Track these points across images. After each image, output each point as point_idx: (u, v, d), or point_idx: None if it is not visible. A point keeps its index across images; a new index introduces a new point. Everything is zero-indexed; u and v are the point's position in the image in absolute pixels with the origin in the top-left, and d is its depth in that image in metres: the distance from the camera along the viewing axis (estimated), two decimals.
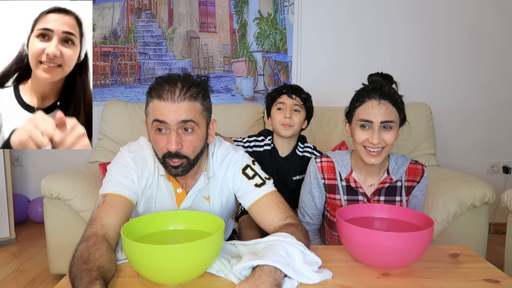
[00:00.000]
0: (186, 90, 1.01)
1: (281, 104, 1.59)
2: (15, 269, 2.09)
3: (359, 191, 1.28)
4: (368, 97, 1.19)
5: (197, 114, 1.03)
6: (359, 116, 1.19)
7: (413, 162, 1.31)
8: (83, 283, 0.77)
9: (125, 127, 2.35)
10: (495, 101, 2.58)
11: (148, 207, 1.17)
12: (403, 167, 1.28)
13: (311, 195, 1.34)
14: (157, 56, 2.60)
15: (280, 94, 1.61)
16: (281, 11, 2.53)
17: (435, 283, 0.90)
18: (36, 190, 2.75)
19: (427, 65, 2.55)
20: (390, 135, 1.18)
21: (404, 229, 1.05)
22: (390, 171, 1.28)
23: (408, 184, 1.29)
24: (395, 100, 1.19)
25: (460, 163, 2.61)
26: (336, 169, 1.30)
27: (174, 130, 1.00)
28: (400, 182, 1.29)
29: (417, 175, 1.29)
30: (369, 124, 1.18)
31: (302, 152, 1.68)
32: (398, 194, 1.29)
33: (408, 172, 1.29)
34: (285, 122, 1.57)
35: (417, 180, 1.30)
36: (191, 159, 1.05)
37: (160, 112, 1.00)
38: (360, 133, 1.19)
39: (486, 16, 2.50)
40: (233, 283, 0.86)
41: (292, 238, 0.94)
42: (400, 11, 2.51)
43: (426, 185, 1.31)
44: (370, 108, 1.17)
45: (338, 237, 1.32)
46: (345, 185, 1.30)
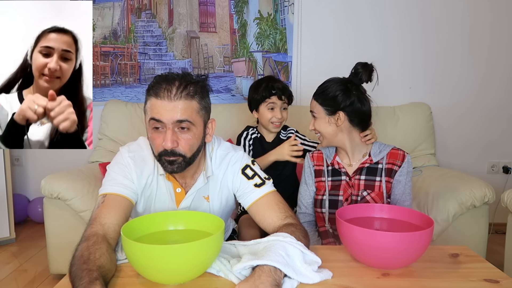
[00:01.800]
0: (183, 88, 1.01)
1: (272, 104, 1.70)
2: (15, 269, 2.09)
3: (342, 171, 1.40)
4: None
5: (194, 113, 1.03)
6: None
7: (395, 148, 1.39)
8: (83, 283, 0.77)
9: (125, 127, 2.35)
10: (495, 101, 2.58)
11: (148, 207, 1.17)
12: (385, 151, 1.38)
13: (306, 185, 1.47)
14: (157, 56, 2.60)
15: (271, 94, 1.69)
16: (281, 11, 2.53)
17: (435, 283, 0.90)
18: (36, 190, 2.75)
19: (427, 65, 2.55)
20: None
21: (404, 229, 1.05)
22: (372, 154, 1.39)
23: (388, 167, 1.37)
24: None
25: (460, 163, 2.61)
26: (324, 157, 1.46)
27: (170, 128, 1.01)
28: (381, 165, 1.38)
29: (398, 158, 1.37)
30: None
31: (286, 135, 1.83)
32: (378, 175, 1.37)
33: (389, 156, 1.38)
34: (276, 121, 1.71)
35: (398, 164, 1.37)
36: (187, 157, 1.05)
37: (157, 110, 1.00)
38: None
39: (486, 14, 2.50)
40: (233, 283, 0.86)
41: (292, 238, 0.94)
42: (400, 11, 2.51)
43: (410, 171, 1.38)
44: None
45: (322, 214, 1.41)
46: (331, 169, 1.43)
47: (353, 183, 1.38)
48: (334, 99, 1.34)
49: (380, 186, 1.36)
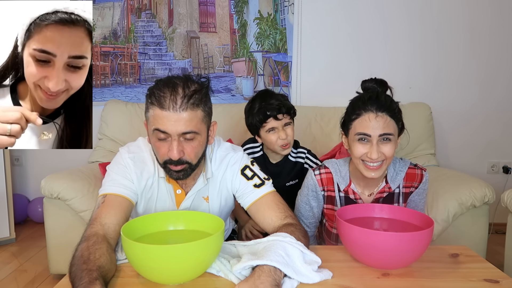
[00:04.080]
0: (188, 98, 0.98)
1: (272, 128, 1.52)
2: (15, 269, 2.09)
3: (358, 202, 1.25)
4: (364, 109, 1.13)
5: (199, 122, 1.02)
6: (356, 130, 1.14)
7: (412, 167, 1.26)
8: (83, 283, 0.77)
9: (125, 127, 2.35)
10: (495, 101, 2.58)
11: (149, 209, 1.17)
12: (401, 173, 1.25)
13: (309, 206, 1.31)
14: (157, 56, 2.60)
15: (266, 118, 1.51)
16: (281, 11, 2.53)
17: (435, 283, 0.90)
18: (36, 190, 2.74)
19: (427, 65, 2.55)
20: (389, 147, 1.13)
21: (404, 229, 1.05)
22: (389, 179, 1.24)
23: (405, 191, 1.26)
24: (392, 111, 1.14)
25: (460, 163, 2.61)
26: (335, 181, 1.26)
27: (175, 139, 1.00)
28: (398, 189, 1.25)
29: (415, 180, 1.25)
30: (368, 138, 1.13)
31: (295, 157, 1.65)
32: (396, 201, 1.26)
33: (406, 178, 1.25)
34: (283, 143, 1.53)
35: (415, 186, 1.26)
36: (193, 164, 1.05)
37: (162, 122, 0.98)
38: (358, 147, 1.14)
39: (487, 15, 2.50)
40: (233, 283, 0.86)
41: (292, 238, 0.94)
42: (400, 11, 2.51)
43: (425, 190, 1.28)
44: (367, 121, 1.12)
45: (334, 244, 1.31)
46: (343, 196, 1.27)
47: None
48: (400, 112, 1.16)
49: None
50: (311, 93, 2.56)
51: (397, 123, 1.16)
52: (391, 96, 1.18)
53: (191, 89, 1.00)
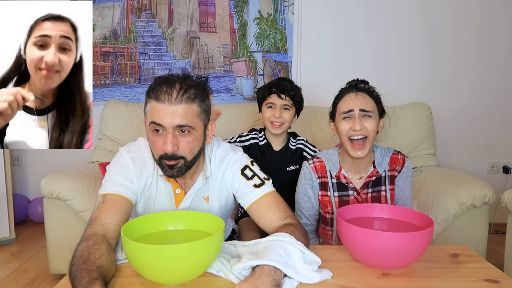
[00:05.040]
0: (184, 92, 1.00)
1: (271, 103, 1.63)
2: (15, 269, 2.09)
3: (349, 186, 1.34)
4: (346, 92, 1.31)
5: (194, 117, 1.02)
6: (341, 110, 1.29)
7: (396, 153, 1.36)
8: (83, 283, 0.77)
9: (125, 127, 2.35)
10: (495, 101, 2.58)
11: (147, 208, 1.17)
12: (387, 158, 1.35)
13: (307, 196, 1.38)
14: (157, 56, 2.60)
15: (270, 93, 1.63)
16: (281, 11, 2.53)
17: (435, 283, 0.90)
18: (36, 190, 2.75)
19: (427, 65, 2.55)
20: (370, 123, 1.25)
21: (404, 229, 1.05)
22: (376, 164, 1.34)
23: (390, 174, 1.35)
24: (371, 93, 1.29)
25: (460, 163, 2.61)
26: (327, 168, 1.36)
27: (170, 132, 1.00)
28: (384, 172, 1.35)
29: (398, 164, 1.35)
30: (351, 114, 1.26)
31: (295, 145, 1.74)
32: (382, 184, 1.35)
33: (390, 162, 1.35)
34: (275, 120, 1.62)
35: (398, 169, 1.35)
36: (188, 160, 1.05)
37: (157, 114, 1.00)
38: (343, 125, 1.28)
39: (487, 15, 2.50)
40: (233, 283, 0.86)
41: (292, 238, 0.94)
42: (400, 11, 2.51)
43: (408, 176, 1.36)
44: (348, 100, 1.28)
45: (331, 231, 1.36)
46: (336, 182, 1.35)
47: (362, 198, 1.34)
48: (378, 96, 1.31)
49: (385, 196, 1.35)
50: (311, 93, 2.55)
51: (377, 104, 1.29)
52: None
53: (188, 84, 1.02)
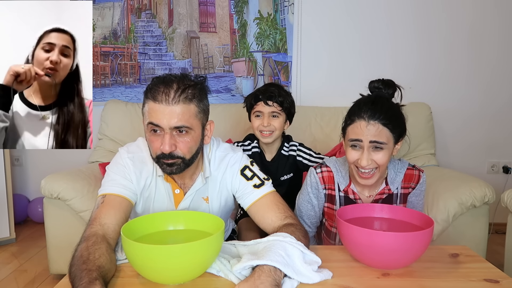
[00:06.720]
0: (181, 92, 0.99)
1: (258, 112, 1.58)
2: (15, 269, 2.09)
3: (358, 202, 1.25)
4: (358, 115, 1.13)
5: (191, 117, 1.02)
6: (349, 136, 1.15)
7: (410, 168, 1.27)
8: (83, 283, 0.77)
9: (125, 127, 2.35)
10: (495, 101, 2.58)
11: (147, 208, 1.17)
12: (400, 175, 1.25)
13: (311, 205, 1.31)
14: (157, 56, 2.60)
15: (256, 100, 1.57)
16: (281, 11, 2.53)
17: (435, 283, 0.90)
18: (36, 190, 2.74)
19: (427, 65, 2.55)
20: (381, 155, 1.12)
21: (404, 229, 1.04)
22: (389, 181, 1.25)
23: (403, 192, 1.27)
24: (388, 118, 1.12)
25: (460, 163, 2.61)
26: (335, 180, 1.27)
27: (168, 133, 1.00)
28: (397, 190, 1.26)
29: (412, 181, 1.26)
30: (359, 144, 1.13)
31: (288, 151, 1.69)
32: (393, 202, 1.27)
33: (404, 179, 1.25)
34: (264, 129, 1.57)
35: (412, 187, 1.27)
36: (186, 159, 1.05)
37: (155, 114, 0.99)
38: (351, 153, 1.15)
39: (487, 16, 2.50)
40: (233, 283, 0.86)
41: (292, 238, 0.94)
42: (401, 11, 2.51)
43: (422, 191, 1.28)
44: (358, 128, 1.12)
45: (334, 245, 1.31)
46: (343, 196, 1.27)
47: None
48: (403, 121, 1.16)
49: None
50: (311, 93, 2.55)
51: (393, 131, 1.13)
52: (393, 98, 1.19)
53: (185, 84, 1.01)
